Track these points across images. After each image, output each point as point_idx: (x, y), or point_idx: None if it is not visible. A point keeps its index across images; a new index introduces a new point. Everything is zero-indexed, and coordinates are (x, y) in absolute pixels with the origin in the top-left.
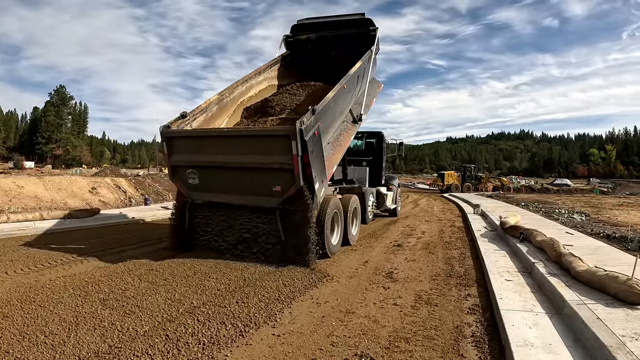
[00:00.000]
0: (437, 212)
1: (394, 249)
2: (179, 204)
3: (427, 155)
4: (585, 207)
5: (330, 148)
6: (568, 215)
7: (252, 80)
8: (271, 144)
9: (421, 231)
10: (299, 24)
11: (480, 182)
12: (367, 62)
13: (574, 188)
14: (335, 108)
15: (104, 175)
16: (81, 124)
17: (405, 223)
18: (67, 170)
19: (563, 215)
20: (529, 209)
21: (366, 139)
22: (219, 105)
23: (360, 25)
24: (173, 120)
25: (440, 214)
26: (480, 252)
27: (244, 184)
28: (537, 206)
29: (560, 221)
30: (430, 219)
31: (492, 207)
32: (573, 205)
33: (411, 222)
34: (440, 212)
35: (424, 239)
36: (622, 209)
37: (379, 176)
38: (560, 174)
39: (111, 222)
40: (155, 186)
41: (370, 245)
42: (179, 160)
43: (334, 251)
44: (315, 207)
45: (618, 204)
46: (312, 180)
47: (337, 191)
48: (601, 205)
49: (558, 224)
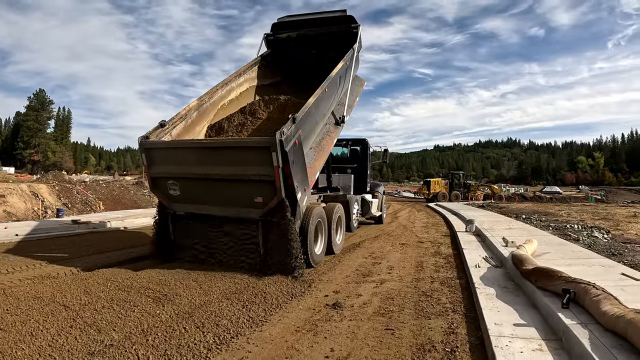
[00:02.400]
0: (418, 229)
1: (322, 319)
2: (160, 215)
3: (414, 163)
4: (595, 219)
5: (312, 153)
6: (587, 232)
7: (232, 83)
8: (251, 155)
9: (388, 266)
10: (280, 22)
11: (470, 190)
12: (350, 61)
13: (568, 196)
14: (316, 113)
15: (40, 182)
16: (64, 130)
17: (371, 248)
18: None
19: (580, 232)
20: (532, 222)
21: (351, 146)
22: (198, 111)
23: (342, 23)
24: (152, 130)
25: (422, 231)
26: (490, 339)
27: (226, 196)
28: (541, 219)
29: (584, 243)
30: (407, 241)
31: (489, 222)
32: (580, 217)
33: (380, 246)
34: (423, 229)
35: (387, 286)
36: (638, 221)
37: (364, 183)
38: (549, 181)
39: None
40: (86, 194)
41: (288, 304)
42: (159, 172)
43: (317, 261)
44: (298, 217)
45: (630, 215)
46: (294, 191)
47: (321, 199)
48: (612, 217)
49: (587, 249)
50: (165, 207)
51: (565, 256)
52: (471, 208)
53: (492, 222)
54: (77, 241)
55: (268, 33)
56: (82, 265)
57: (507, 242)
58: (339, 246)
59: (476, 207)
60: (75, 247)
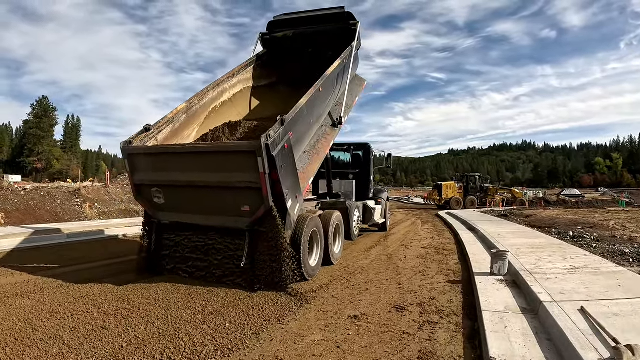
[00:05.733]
0: (409, 264)
1: None
2: (146, 225)
3: (428, 167)
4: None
5: (306, 158)
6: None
7: (224, 84)
8: (235, 160)
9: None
10: (276, 20)
11: (487, 195)
12: (347, 59)
13: (593, 199)
14: (310, 114)
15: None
16: (74, 137)
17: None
18: None
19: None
20: (591, 247)
21: (353, 150)
22: (187, 114)
23: (340, 20)
24: (135, 135)
25: (415, 269)
26: None
27: (211, 204)
28: (597, 238)
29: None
30: (372, 304)
31: (527, 249)
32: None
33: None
34: (418, 263)
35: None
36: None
37: (366, 189)
38: (566, 184)
39: None
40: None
41: None
42: (142, 179)
43: (312, 274)
44: (289, 226)
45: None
46: (283, 199)
47: (319, 206)
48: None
49: None
50: (150, 216)
51: None
52: (491, 218)
53: (532, 249)
54: None
55: (264, 32)
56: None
57: (616, 344)
58: (337, 256)
59: (497, 217)
60: None
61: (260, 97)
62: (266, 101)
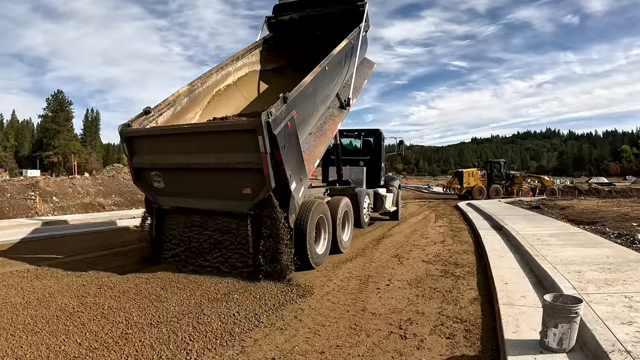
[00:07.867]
0: (389, 308)
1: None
2: (147, 211)
3: (451, 156)
4: None
5: (312, 139)
6: None
7: (229, 67)
8: (235, 140)
9: None
10: (282, 3)
11: (514, 183)
12: (355, 40)
13: (627, 188)
14: (316, 93)
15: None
16: (93, 131)
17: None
18: None
19: None
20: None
21: (363, 137)
22: (189, 97)
23: (348, 2)
24: (134, 118)
25: (390, 328)
26: None
27: (212, 187)
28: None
29: None
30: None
31: (596, 274)
32: None
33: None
34: (404, 306)
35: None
36: None
37: (377, 177)
38: (592, 172)
39: None
40: None
41: None
42: (141, 162)
43: (319, 262)
44: (293, 210)
45: None
46: (286, 180)
47: (328, 193)
48: None
49: None
50: (150, 201)
51: None
52: (521, 212)
53: (601, 271)
54: None
55: (270, 15)
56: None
57: None
58: (346, 244)
59: (528, 210)
60: None
61: (268, 81)
62: (274, 85)
